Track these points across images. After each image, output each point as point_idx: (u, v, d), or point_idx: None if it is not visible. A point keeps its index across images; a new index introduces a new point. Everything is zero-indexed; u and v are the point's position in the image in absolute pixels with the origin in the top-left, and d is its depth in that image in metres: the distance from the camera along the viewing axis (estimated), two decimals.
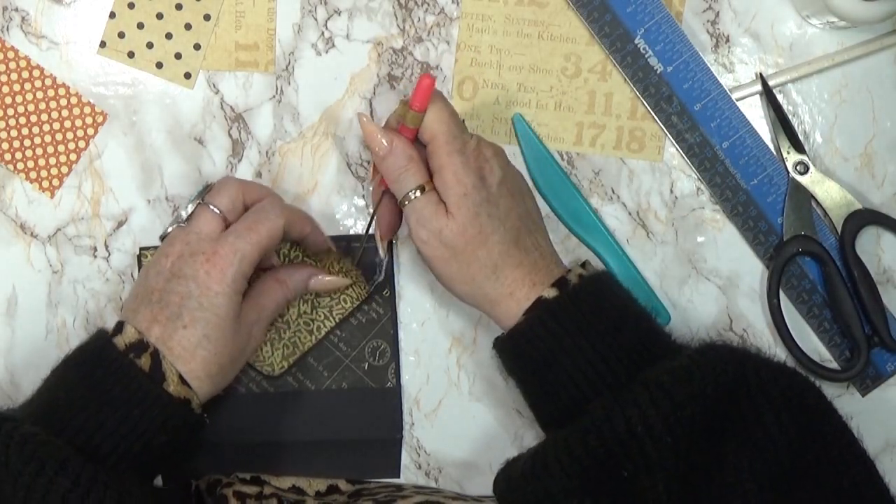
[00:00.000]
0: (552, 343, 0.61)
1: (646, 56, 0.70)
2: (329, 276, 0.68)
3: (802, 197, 0.71)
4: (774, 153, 0.71)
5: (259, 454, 0.71)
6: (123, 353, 0.60)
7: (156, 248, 0.71)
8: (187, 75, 0.71)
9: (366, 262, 0.70)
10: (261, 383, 0.71)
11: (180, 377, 0.60)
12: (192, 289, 0.61)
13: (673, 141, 0.71)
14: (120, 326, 0.61)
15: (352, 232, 0.72)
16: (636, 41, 0.70)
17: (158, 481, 0.71)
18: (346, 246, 0.71)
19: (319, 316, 0.70)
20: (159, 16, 0.71)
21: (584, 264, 0.66)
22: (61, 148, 0.71)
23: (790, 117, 0.71)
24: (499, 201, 0.63)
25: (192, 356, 0.61)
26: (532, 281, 0.63)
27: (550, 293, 0.63)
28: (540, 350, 0.62)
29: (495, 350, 0.66)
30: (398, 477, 0.72)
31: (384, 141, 0.63)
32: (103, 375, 0.59)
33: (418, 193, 0.63)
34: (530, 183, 0.71)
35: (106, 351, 0.60)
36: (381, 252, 0.69)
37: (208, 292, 0.61)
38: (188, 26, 0.71)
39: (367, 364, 0.71)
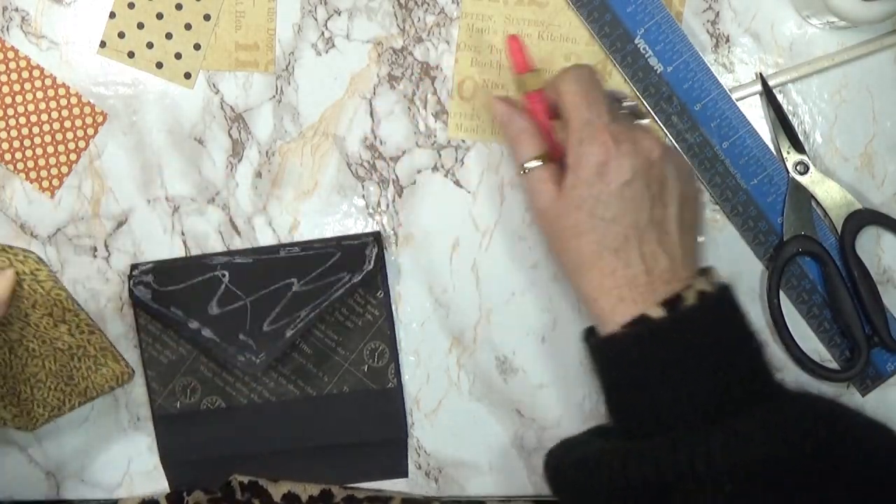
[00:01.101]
0: (644, 368, 0.58)
1: (646, 56, 0.70)
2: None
3: (802, 197, 0.71)
4: (774, 153, 0.71)
5: (266, 464, 0.71)
6: None
7: (150, 263, 0.71)
8: (187, 75, 0.71)
9: (355, 253, 0.70)
10: (262, 393, 0.71)
11: None
12: None
13: (673, 141, 0.71)
14: None
15: (351, 232, 0.72)
16: (636, 41, 0.70)
17: (165, 487, 0.72)
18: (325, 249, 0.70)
19: (66, 389, 0.68)
20: (159, 16, 0.71)
21: (707, 272, 0.61)
22: (61, 148, 0.71)
23: (790, 117, 0.71)
24: (611, 202, 0.59)
25: None
26: (621, 295, 0.59)
27: (656, 313, 0.58)
28: (629, 370, 0.59)
29: (583, 341, 0.64)
30: (406, 476, 0.72)
31: (501, 111, 0.65)
32: None
33: (532, 164, 0.63)
34: None
35: None
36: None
37: None
38: (188, 26, 0.71)
39: (366, 366, 0.71)
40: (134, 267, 0.70)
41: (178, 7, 0.71)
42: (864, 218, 0.71)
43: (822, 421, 0.54)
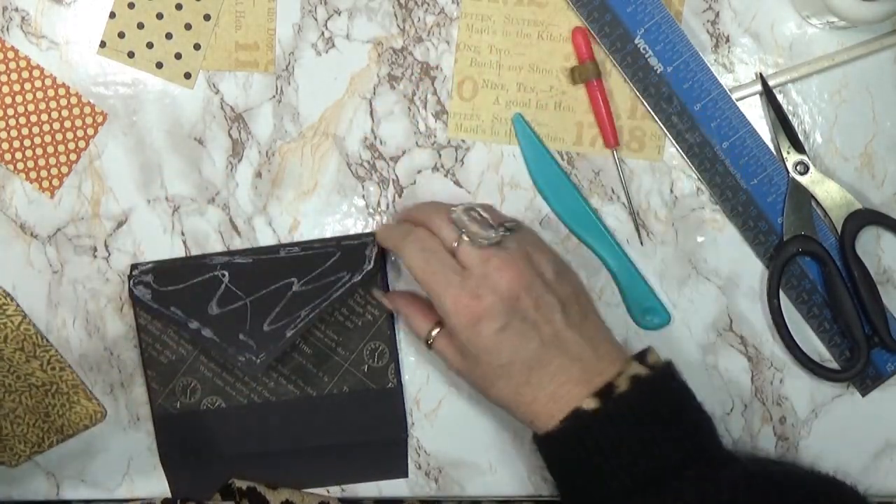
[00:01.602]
0: (583, 455, 0.59)
1: (646, 56, 0.70)
2: None
3: (802, 197, 0.71)
4: (774, 153, 0.71)
5: (266, 464, 0.71)
6: None
7: (150, 262, 0.71)
8: (187, 75, 0.71)
9: (355, 253, 0.70)
10: (262, 393, 0.71)
11: None
12: None
13: (673, 141, 0.71)
14: None
15: (352, 232, 0.72)
16: (636, 41, 0.70)
17: (165, 488, 0.72)
18: (335, 246, 0.70)
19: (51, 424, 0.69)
20: (159, 16, 0.71)
21: (644, 356, 0.62)
22: (61, 148, 0.71)
23: (790, 117, 0.71)
24: (499, 350, 0.60)
25: None
26: (547, 410, 0.60)
27: (590, 404, 0.59)
28: (571, 459, 0.60)
29: (532, 443, 0.64)
30: (406, 476, 0.72)
31: (386, 300, 0.68)
32: None
33: (434, 333, 0.64)
34: (530, 183, 0.71)
35: None
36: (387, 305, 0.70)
37: None
38: (188, 26, 0.71)
39: (366, 366, 0.71)
40: (134, 267, 0.70)
41: (178, 7, 0.71)
42: (864, 218, 0.71)
43: (749, 489, 0.56)
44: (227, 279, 0.69)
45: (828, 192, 0.71)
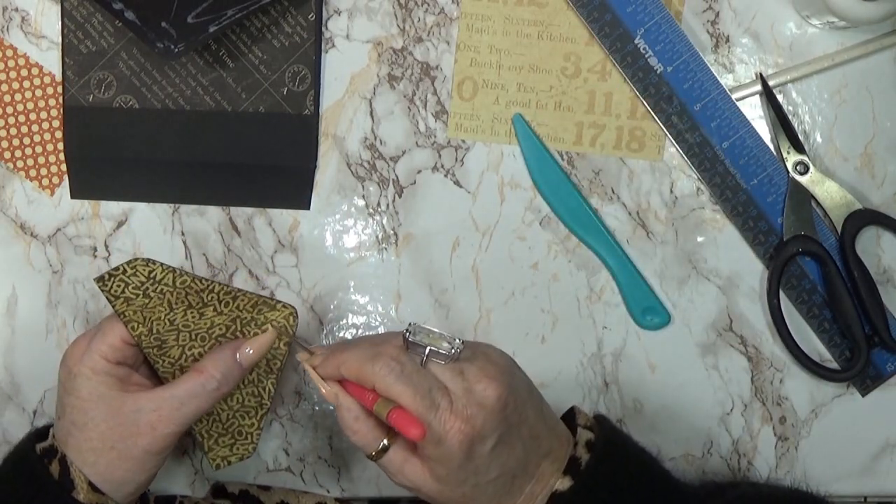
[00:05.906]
0: None
1: (646, 56, 0.70)
2: (253, 340, 0.60)
3: (802, 197, 0.71)
4: (774, 153, 0.71)
5: (171, 173, 0.70)
6: (39, 458, 0.59)
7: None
8: None
9: None
10: (177, 100, 0.70)
11: (90, 484, 0.58)
12: (63, 375, 0.60)
13: (673, 141, 0.71)
14: (47, 429, 0.61)
15: (351, 231, 0.72)
16: (636, 41, 0.70)
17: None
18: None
19: (255, 380, 0.64)
20: None
21: (574, 416, 0.61)
22: (61, 146, 0.71)
23: (790, 117, 0.71)
24: (490, 466, 0.56)
25: (65, 444, 0.59)
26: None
27: (564, 484, 0.57)
28: None
29: None
30: (308, 209, 0.72)
31: (330, 394, 0.58)
32: (20, 482, 0.58)
33: (384, 444, 0.58)
34: (530, 183, 0.72)
35: (25, 455, 0.60)
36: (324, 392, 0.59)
37: (69, 375, 0.59)
38: None
39: (286, 89, 0.70)
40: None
41: None
42: (864, 218, 0.71)
43: None
44: None
45: (828, 192, 0.71)
